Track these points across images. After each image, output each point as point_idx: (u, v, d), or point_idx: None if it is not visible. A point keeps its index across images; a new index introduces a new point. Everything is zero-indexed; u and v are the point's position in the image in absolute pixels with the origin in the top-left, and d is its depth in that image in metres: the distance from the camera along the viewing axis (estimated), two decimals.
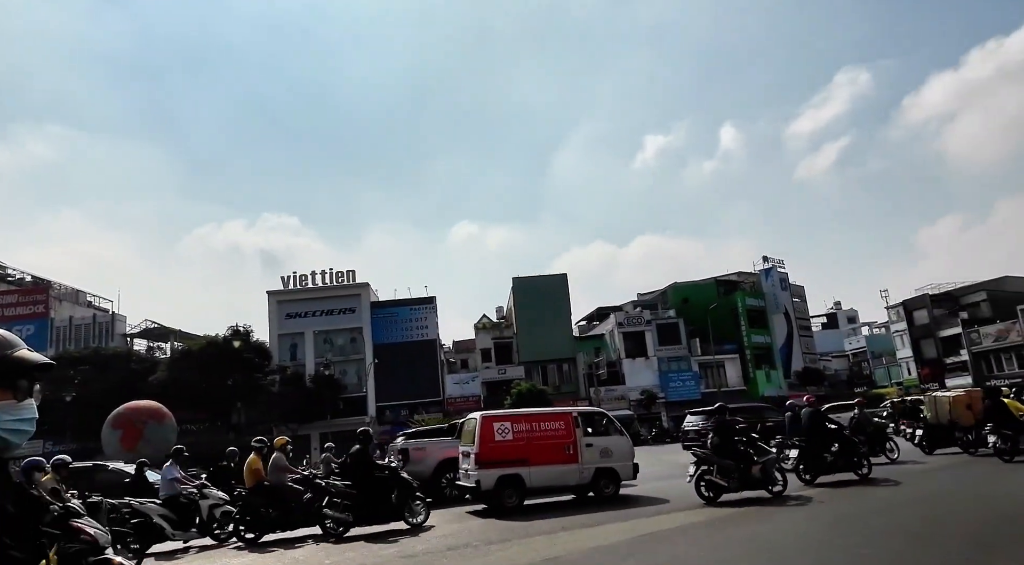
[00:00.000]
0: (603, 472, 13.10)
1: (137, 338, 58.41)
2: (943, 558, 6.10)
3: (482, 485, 12.18)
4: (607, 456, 13.28)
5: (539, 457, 12.61)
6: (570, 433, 13.08)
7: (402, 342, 54.43)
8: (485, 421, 12.89)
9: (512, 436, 12.69)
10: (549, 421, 13.32)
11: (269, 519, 11.04)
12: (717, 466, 11.27)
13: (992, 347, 56.65)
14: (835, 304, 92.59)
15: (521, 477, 12.41)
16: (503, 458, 12.44)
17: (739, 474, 11.17)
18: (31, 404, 1.63)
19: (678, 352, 55.67)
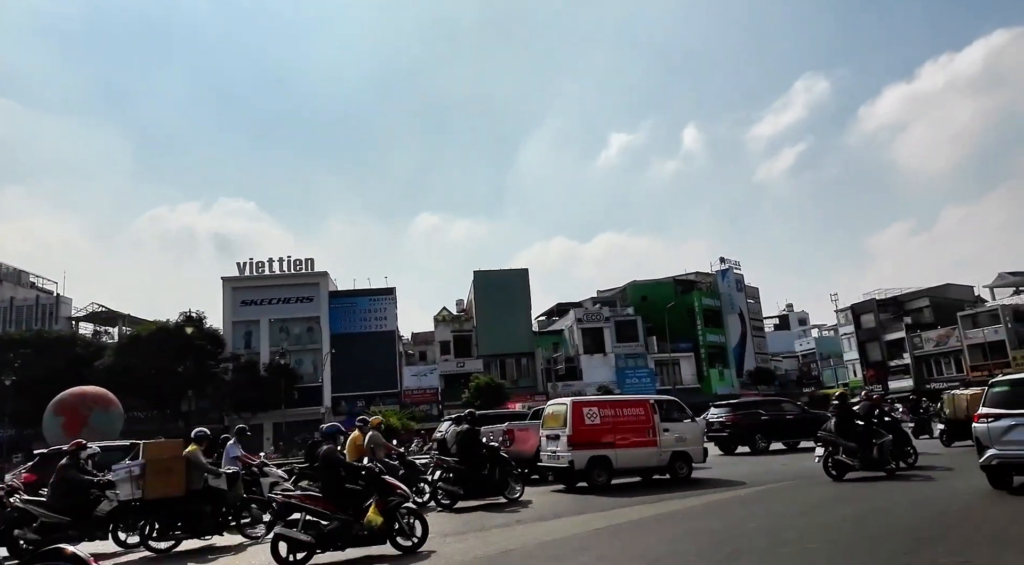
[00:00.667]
0: (678, 455, 14.28)
1: (83, 322, 56.38)
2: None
3: (575, 465, 13.07)
4: (682, 440, 14.42)
5: (624, 440, 13.59)
6: (649, 419, 14.17)
7: (360, 333, 53.84)
8: (576, 406, 13.76)
9: (599, 420, 13.57)
10: (631, 407, 14.44)
11: None
12: (843, 447, 12.19)
13: (933, 351, 59.06)
14: (787, 306, 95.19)
15: (609, 458, 13.41)
16: (593, 440, 13.34)
17: (861, 455, 12.11)
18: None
19: (635, 349, 56.46)
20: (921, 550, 6.29)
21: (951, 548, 6.27)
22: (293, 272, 53.96)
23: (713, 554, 6.65)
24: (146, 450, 9.52)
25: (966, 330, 56.02)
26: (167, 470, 9.15)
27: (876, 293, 67.49)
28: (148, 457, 9.24)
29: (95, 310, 56.34)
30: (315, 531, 7.37)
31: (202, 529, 9.33)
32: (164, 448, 9.69)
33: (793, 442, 22.70)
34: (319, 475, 8.44)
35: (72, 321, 55.17)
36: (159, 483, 9.03)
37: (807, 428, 20.16)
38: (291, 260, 54.01)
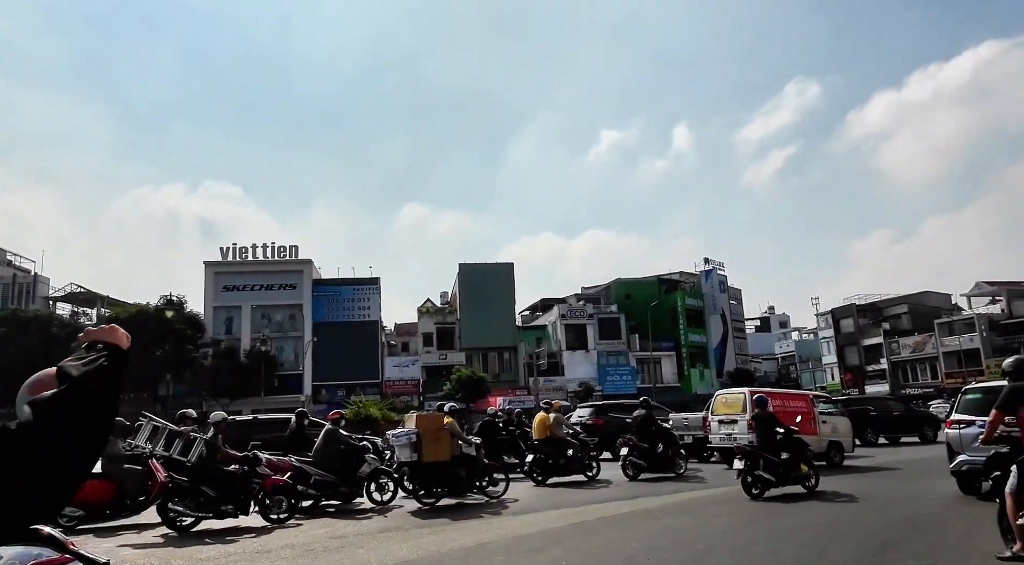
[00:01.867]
0: (833, 444, 15.86)
1: (61, 302, 55.59)
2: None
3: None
4: (836, 431, 16.20)
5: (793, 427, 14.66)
6: (810, 410, 15.61)
7: (343, 322, 53.62)
8: (752, 395, 15.23)
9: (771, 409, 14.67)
10: (795, 400, 16.17)
11: (554, 466, 13.65)
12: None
13: (909, 357, 60.01)
14: (769, 309, 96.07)
15: None
16: None
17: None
18: None
19: (617, 346, 56.76)
20: (888, 553, 6.40)
21: (917, 552, 6.38)
22: (277, 259, 53.58)
23: (686, 551, 6.73)
24: (418, 421, 11.07)
25: (942, 337, 56.97)
26: (437, 438, 10.80)
27: (856, 298, 68.41)
28: (420, 427, 10.82)
29: (74, 291, 55.57)
30: None
31: (459, 489, 10.99)
32: (432, 420, 11.34)
33: (896, 437, 24.01)
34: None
35: (50, 301, 54.38)
36: (432, 449, 10.69)
37: (910, 424, 23.64)
38: (275, 246, 53.62)
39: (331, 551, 7.48)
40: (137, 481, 9.68)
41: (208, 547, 8.08)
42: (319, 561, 7.01)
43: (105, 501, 9.55)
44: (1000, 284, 59.72)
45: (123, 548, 8.31)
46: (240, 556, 7.43)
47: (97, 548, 8.36)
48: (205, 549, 7.94)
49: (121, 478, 9.63)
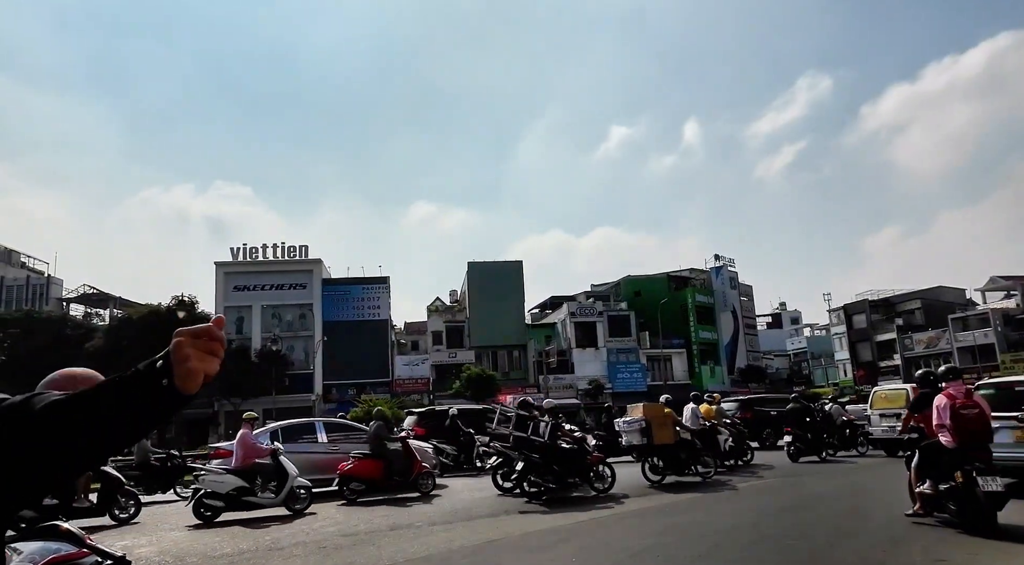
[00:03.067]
0: None
1: (74, 303, 56.18)
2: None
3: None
4: None
5: None
6: None
7: (353, 321, 53.84)
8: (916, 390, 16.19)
9: None
10: None
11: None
12: None
13: (923, 353, 59.52)
14: (780, 305, 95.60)
15: None
16: None
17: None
18: None
19: (627, 344, 56.67)
20: (897, 549, 6.39)
21: (927, 548, 6.37)
22: (287, 258, 53.89)
23: (696, 547, 6.74)
24: (645, 410, 12.84)
25: (956, 333, 56.48)
26: (663, 424, 12.52)
27: (868, 294, 67.92)
28: (648, 415, 12.57)
29: (86, 292, 56.14)
30: None
31: (679, 468, 12.49)
32: (656, 409, 13.05)
33: None
34: None
35: (63, 302, 54.96)
36: (661, 433, 12.41)
37: None
38: (285, 246, 53.92)
39: (342, 549, 7.55)
40: (401, 460, 12.22)
41: (223, 543, 8.18)
42: (331, 559, 7.08)
43: (378, 477, 12.01)
44: (1015, 278, 59.11)
45: (140, 545, 8.42)
46: (253, 553, 7.52)
47: (113, 545, 8.49)
48: (219, 546, 8.03)
49: (389, 458, 12.18)
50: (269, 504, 10.63)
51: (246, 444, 11.06)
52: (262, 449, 11.18)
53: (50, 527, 1.67)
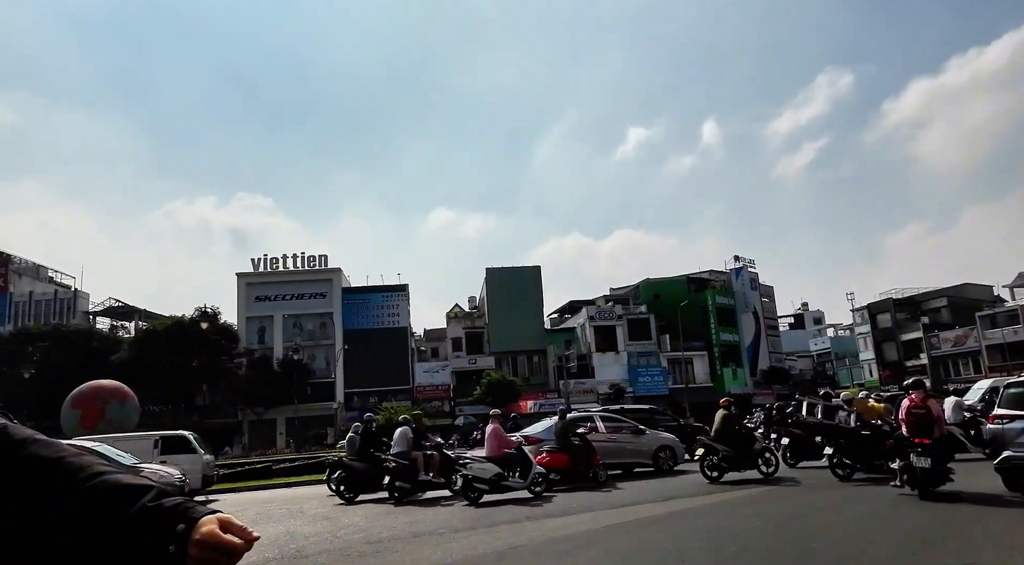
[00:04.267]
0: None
1: (100, 316, 57.18)
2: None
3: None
4: None
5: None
6: None
7: (373, 329, 54.18)
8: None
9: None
10: None
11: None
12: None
13: (950, 352, 58.43)
14: (802, 305, 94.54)
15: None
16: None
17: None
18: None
19: (647, 347, 56.33)
20: (927, 552, 6.27)
21: (957, 550, 6.24)
22: (307, 268, 54.43)
23: (719, 552, 6.67)
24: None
25: (984, 330, 55.37)
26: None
27: (893, 293, 66.92)
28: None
29: (112, 305, 57.12)
30: None
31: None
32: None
33: None
34: None
35: (89, 315, 55.94)
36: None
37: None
38: (305, 256, 54.47)
39: (367, 556, 7.58)
40: (584, 454, 13.71)
41: (249, 552, 8.24)
42: None
43: (568, 468, 13.60)
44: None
45: None
46: (279, 561, 7.58)
47: None
48: (246, 555, 8.09)
49: (573, 452, 13.67)
50: (518, 488, 12.27)
51: (499, 437, 12.84)
52: (511, 441, 13.01)
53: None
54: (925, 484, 9.36)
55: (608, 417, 16.99)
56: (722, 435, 13.31)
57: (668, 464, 15.86)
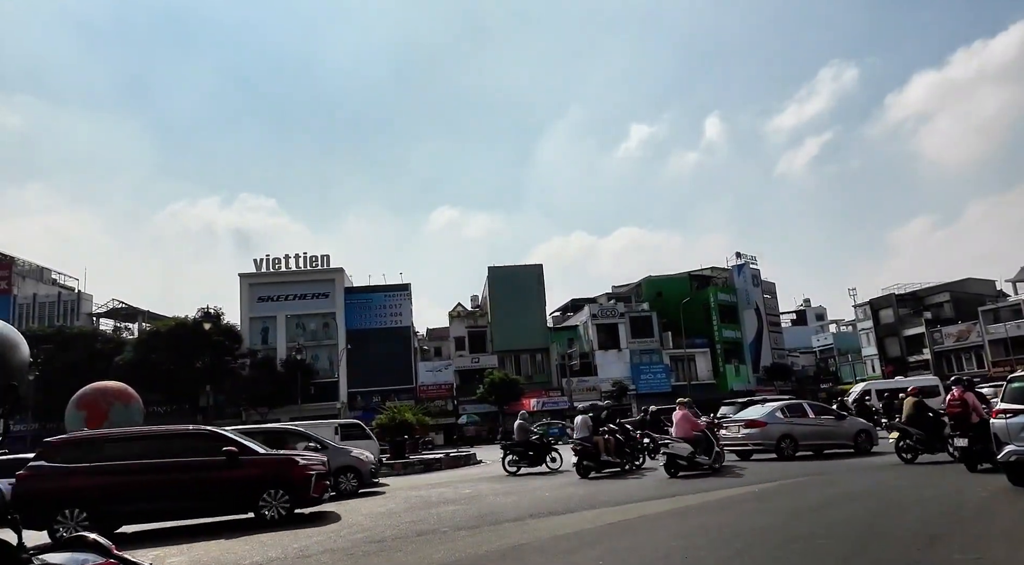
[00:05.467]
0: None
1: (104, 318, 57.31)
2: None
3: None
4: None
5: None
6: None
7: (375, 328, 54.25)
8: None
9: None
10: None
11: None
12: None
13: (953, 347, 58.30)
14: (804, 301, 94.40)
15: None
16: None
17: None
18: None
19: (650, 345, 56.33)
20: (934, 547, 6.24)
21: (965, 545, 6.22)
22: (309, 268, 54.49)
23: (724, 549, 6.65)
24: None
25: (987, 325, 55.23)
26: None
27: (895, 288, 66.81)
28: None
29: (115, 306, 57.26)
30: None
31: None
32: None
33: None
34: None
35: (93, 317, 56.06)
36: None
37: None
38: (307, 256, 54.54)
39: (370, 555, 7.58)
40: (706, 442, 14.52)
41: (252, 552, 8.26)
42: None
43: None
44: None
45: (170, 554, 8.53)
46: (282, 561, 7.57)
47: (145, 556, 8.61)
48: (249, 555, 8.11)
49: (698, 439, 14.53)
50: (706, 464, 14.18)
51: (690, 420, 14.77)
52: (700, 424, 14.89)
53: (76, 538, 1.69)
54: (966, 459, 11.71)
55: (815, 405, 19.64)
56: (914, 420, 14.33)
57: (866, 446, 17.38)
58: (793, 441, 16.86)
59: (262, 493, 10.66)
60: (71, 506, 10.13)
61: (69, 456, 10.63)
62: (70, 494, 10.19)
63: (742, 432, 17.36)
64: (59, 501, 10.10)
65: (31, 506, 10.06)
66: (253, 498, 10.68)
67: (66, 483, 10.25)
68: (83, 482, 10.26)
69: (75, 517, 10.07)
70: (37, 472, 10.33)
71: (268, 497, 10.67)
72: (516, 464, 17.74)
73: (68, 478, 10.30)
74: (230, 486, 10.71)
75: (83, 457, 10.60)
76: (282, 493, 10.74)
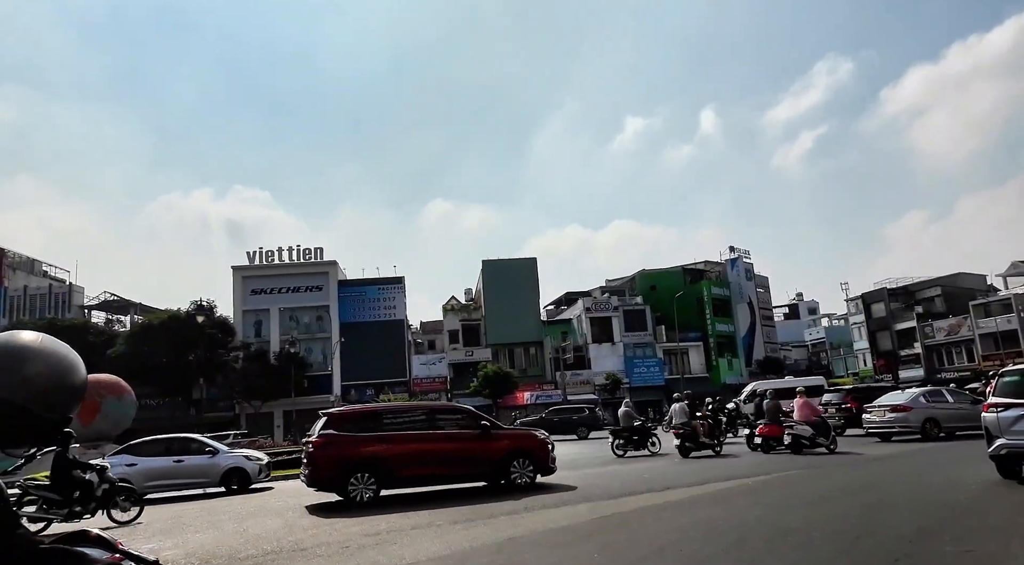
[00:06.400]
0: None
1: (96, 310, 56.98)
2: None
3: None
4: None
5: None
6: None
7: (369, 321, 54.17)
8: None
9: None
10: None
11: None
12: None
13: (944, 341, 58.73)
14: (797, 295, 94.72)
15: None
16: None
17: None
18: None
19: (644, 338, 56.48)
20: (926, 540, 6.30)
21: (957, 538, 6.27)
22: (302, 261, 54.30)
23: (717, 543, 6.69)
24: None
25: (978, 319, 55.65)
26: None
27: (887, 282, 67.11)
28: None
29: (108, 299, 56.92)
30: None
31: None
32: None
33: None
34: None
35: (85, 310, 55.74)
36: None
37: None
38: (300, 249, 54.32)
39: (366, 548, 7.59)
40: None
41: (247, 545, 8.25)
42: (355, 558, 7.12)
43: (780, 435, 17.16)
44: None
45: (166, 547, 8.52)
46: (277, 555, 7.57)
47: (140, 547, 8.59)
48: (243, 548, 8.11)
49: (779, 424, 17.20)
50: (823, 445, 16.09)
51: (810, 407, 17.04)
52: (819, 411, 17.32)
53: (79, 533, 1.69)
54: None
55: (954, 392, 20.81)
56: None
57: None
58: (936, 424, 18.16)
59: (512, 462, 12.33)
60: (361, 470, 11.35)
61: (353, 426, 11.96)
62: (360, 459, 11.43)
63: (887, 416, 18.58)
64: (352, 465, 11.32)
65: (328, 468, 11.33)
66: (504, 466, 12.31)
67: (356, 449, 11.49)
68: (370, 449, 11.54)
69: (364, 480, 11.35)
70: (331, 439, 11.54)
71: (517, 465, 12.37)
72: (623, 448, 19.38)
73: (358, 445, 11.56)
74: (486, 455, 12.26)
75: (366, 427, 11.97)
76: (527, 462, 12.43)
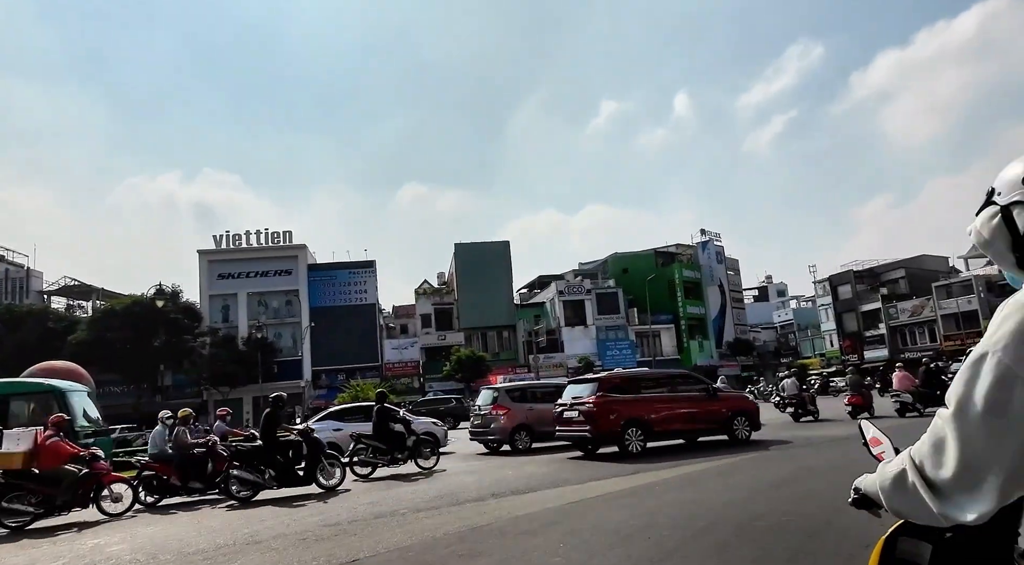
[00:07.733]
0: None
1: (55, 296, 55.29)
2: None
3: None
4: None
5: None
6: None
7: (340, 306, 53.44)
8: None
9: None
10: None
11: None
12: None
13: (908, 322, 59.97)
14: (766, 278, 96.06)
15: None
16: None
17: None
18: None
19: (616, 321, 56.67)
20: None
21: None
22: (271, 245, 53.22)
23: (687, 528, 6.52)
24: None
25: (940, 301, 56.87)
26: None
27: (854, 264, 68.21)
28: None
29: (68, 284, 55.25)
30: None
31: None
32: None
33: None
34: None
35: (44, 295, 54.05)
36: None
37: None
38: (269, 233, 53.23)
39: (323, 540, 7.29)
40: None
41: (199, 538, 7.89)
42: (311, 550, 6.81)
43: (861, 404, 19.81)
44: None
45: (112, 542, 8.11)
46: (231, 548, 7.23)
47: (84, 545, 8.18)
48: (195, 541, 7.74)
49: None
50: (919, 410, 18.25)
51: (909, 379, 19.38)
52: (915, 381, 19.11)
53: None
54: None
55: None
56: None
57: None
58: None
59: (734, 419, 14.56)
60: (634, 426, 13.45)
61: (620, 388, 14.10)
62: (633, 416, 13.55)
63: None
64: (626, 421, 13.43)
65: (609, 424, 13.36)
66: (729, 423, 14.49)
67: (630, 408, 13.66)
68: (638, 408, 13.75)
69: (636, 435, 13.43)
70: (608, 399, 13.63)
71: (737, 423, 14.54)
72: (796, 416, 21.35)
73: (631, 405, 13.74)
74: (716, 414, 14.50)
75: (630, 389, 14.20)
76: (745, 420, 14.68)
